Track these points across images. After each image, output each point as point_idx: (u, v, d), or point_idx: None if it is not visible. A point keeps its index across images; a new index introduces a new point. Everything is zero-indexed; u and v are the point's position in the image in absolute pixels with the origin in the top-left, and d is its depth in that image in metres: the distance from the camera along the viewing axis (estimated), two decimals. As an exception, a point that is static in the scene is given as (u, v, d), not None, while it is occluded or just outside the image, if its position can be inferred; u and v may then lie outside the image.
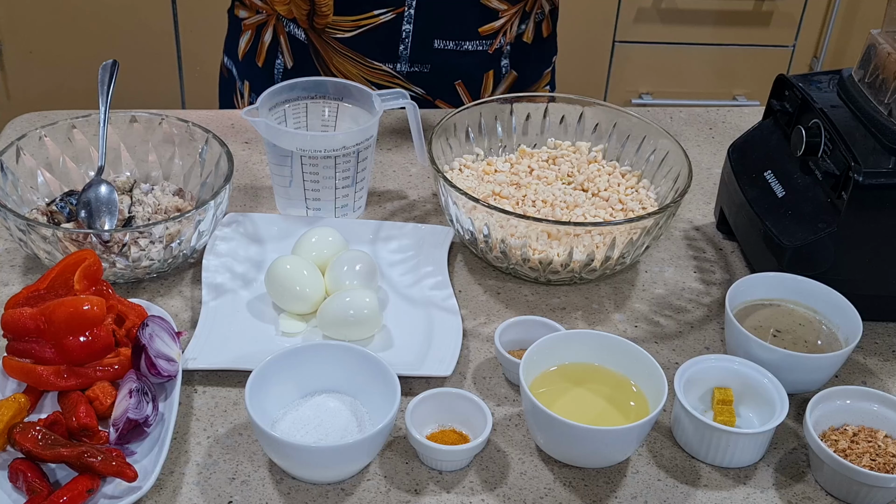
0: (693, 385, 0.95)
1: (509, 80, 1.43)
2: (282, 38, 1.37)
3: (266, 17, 1.37)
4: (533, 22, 1.41)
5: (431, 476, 0.89)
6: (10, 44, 2.53)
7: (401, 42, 1.33)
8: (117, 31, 2.52)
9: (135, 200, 1.14)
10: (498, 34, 1.36)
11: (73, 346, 0.90)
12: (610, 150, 1.25)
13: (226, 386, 0.97)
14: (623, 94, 2.77)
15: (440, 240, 1.14)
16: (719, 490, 0.90)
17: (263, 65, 1.41)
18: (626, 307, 1.11)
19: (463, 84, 1.39)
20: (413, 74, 1.37)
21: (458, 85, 1.39)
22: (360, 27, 1.32)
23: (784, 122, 1.15)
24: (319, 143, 1.11)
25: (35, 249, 1.04)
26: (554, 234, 1.06)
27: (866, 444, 0.90)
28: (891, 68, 1.05)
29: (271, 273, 1.04)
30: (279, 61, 1.38)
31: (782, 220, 1.06)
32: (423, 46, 1.34)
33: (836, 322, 1.02)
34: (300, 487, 0.87)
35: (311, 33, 1.34)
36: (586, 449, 0.88)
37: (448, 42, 1.34)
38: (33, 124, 1.32)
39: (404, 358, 1.00)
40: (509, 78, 1.42)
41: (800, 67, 2.78)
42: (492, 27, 1.36)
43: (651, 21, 2.65)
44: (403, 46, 1.33)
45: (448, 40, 1.34)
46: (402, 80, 1.37)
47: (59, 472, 0.86)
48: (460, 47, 1.35)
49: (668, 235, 1.22)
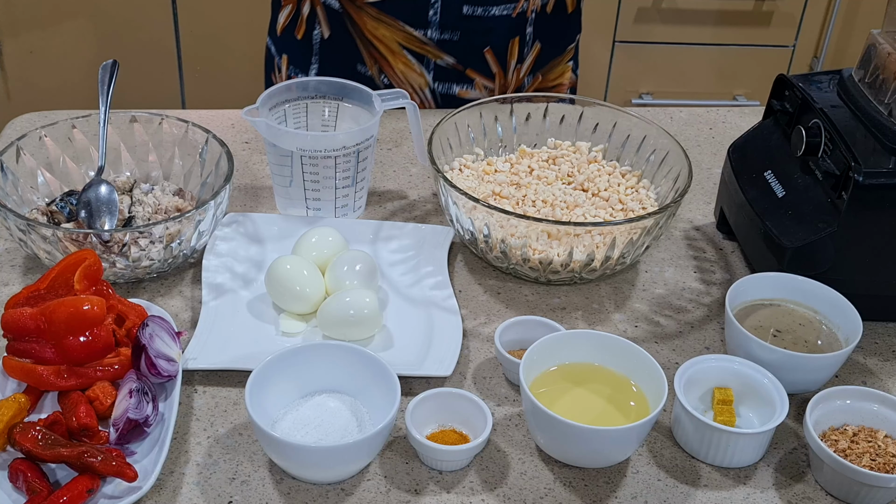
0: (693, 385, 0.95)
1: (535, 51, 1.46)
2: (318, 9, 1.40)
3: None
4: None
5: (431, 476, 0.89)
6: (10, 44, 2.53)
7: (430, 7, 1.35)
8: (117, 31, 2.52)
9: (135, 200, 1.14)
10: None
11: (73, 346, 0.90)
12: (610, 150, 1.25)
13: (226, 386, 0.97)
14: (623, 94, 2.77)
15: (440, 240, 1.15)
16: (719, 490, 0.90)
17: (303, 37, 1.43)
18: (626, 307, 1.11)
19: (492, 51, 1.42)
20: (444, 42, 1.40)
21: (487, 52, 1.42)
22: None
23: (784, 122, 1.15)
24: (319, 143, 1.11)
25: (35, 249, 1.04)
26: (554, 234, 1.06)
27: (866, 444, 0.90)
28: (891, 68, 1.05)
29: (271, 273, 1.04)
30: (316, 32, 1.41)
31: (782, 220, 1.06)
32: (452, 12, 1.37)
33: (836, 322, 1.02)
34: (300, 487, 0.87)
35: (345, 1, 1.37)
36: (586, 449, 0.88)
37: (476, 7, 1.37)
38: (33, 124, 1.32)
39: (404, 358, 1.00)
40: (535, 50, 1.46)
41: (800, 67, 2.78)
42: None
43: (651, 21, 2.65)
44: (433, 11, 1.36)
45: (476, 5, 1.37)
46: (433, 47, 1.40)
47: (59, 472, 0.86)
48: (488, 13, 1.38)
49: (668, 235, 1.22)
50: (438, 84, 1.43)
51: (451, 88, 1.44)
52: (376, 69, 1.42)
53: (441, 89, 1.44)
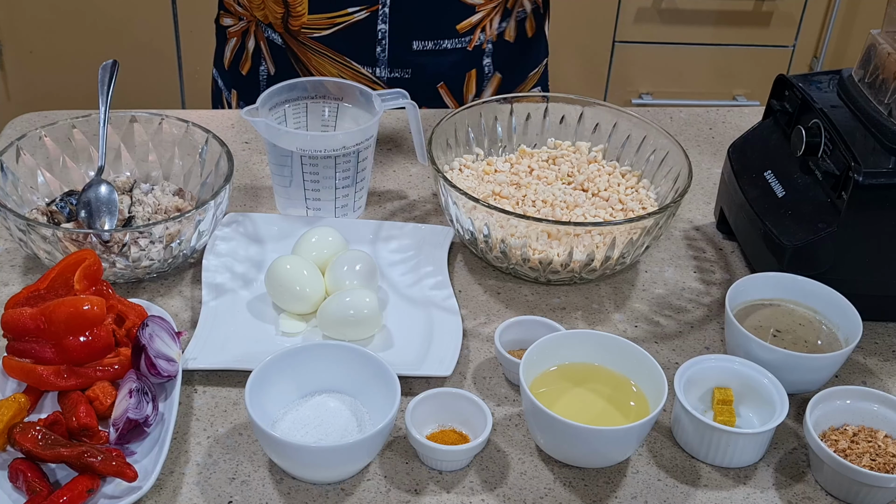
0: (693, 385, 0.95)
1: (494, 82, 1.42)
2: (262, 45, 1.36)
3: (247, 23, 1.37)
4: (515, 20, 1.39)
5: (431, 476, 0.89)
6: (10, 44, 2.53)
7: (377, 44, 1.31)
8: (117, 31, 2.52)
9: (135, 200, 1.14)
10: (476, 29, 1.35)
11: (73, 346, 0.90)
12: (610, 150, 1.25)
13: (226, 386, 0.97)
14: (623, 94, 2.77)
15: (440, 240, 1.14)
16: (719, 490, 0.90)
17: (248, 72, 1.40)
18: (626, 307, 1.11)
19: (445, 86, 1.38)
20: (394, 80, 1.36)
21: (441, 88, 1.38)
22: (336, 24, 1.30)
23: (784, 122, 1.15)
24: (319, 143, 1.11)
25: (35, 249, 1.04)
26: (554, 234, 1.06)
27: (866, 444, 0.90)
28: (891, 68, 1.05)
29: (271, 273, 1.04)
30: (262, 68, 1.37)
31: (782, 220, 1.06)
32: (401, 48, 1.33)
33: (836, 322, 1.02)
34: (300, 487, 0.87)
35: (287, 36, 1.33)
36: (586, 449, 0.88)
37: (427, 42, 1.33)
38: (33, 124, 1.32)
39: (404, 358, 1.00)
40: (494, 80, 1.42)
41: (800, 67, 2.78)
42: (469, 23, 1.34)
43: (651, 21, 2.65)
44: (381, 48, 1.32)
45: (426, 40, 1.33)
46: (383, 86, 1.36)
47: (59, 472, 0.86)
48: (439, 46, 1.34)
49: (668, 235, 1.22)
50: None
51: None
52: None
53: None
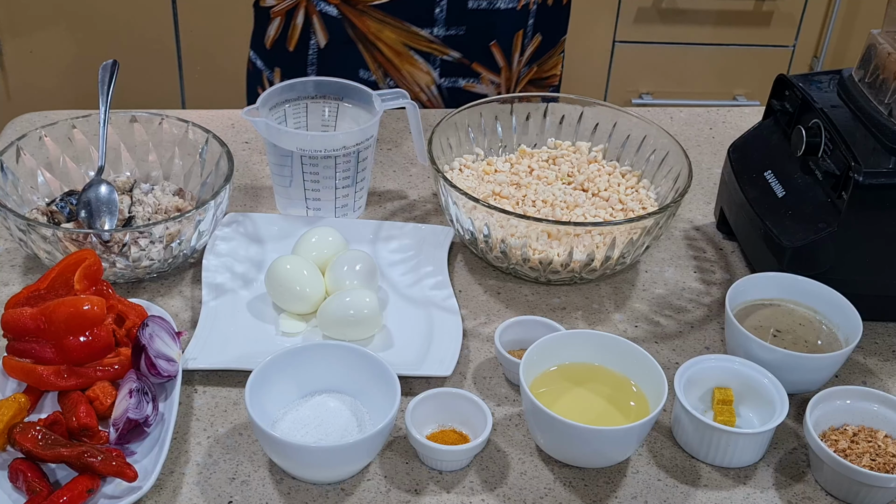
0: (693, 385, 0.95)
1: (535, 43, 1.47)
2: (314, 18, 1.39)
3: (296, 1, 1.39)
4: None
5: (431, 476, 0.89)
6: (10, 44, 2.53)
7: (436, 4, 1.36)
8: (117, 31, 2.52)
9: (135, 200, 1.14)
10: None
11: (73, 346, 0.90)
12: (610, 150, 1.25)
13: (226, 386, 0.97)
14: (623, 94, 2.77)
15: (440, 240, 1.15)
16: (719, 490, 0.90)
17: (295, 48, 1.42)
18: (626, 307, 1.11)
19: (497, 45, 1.42)
20: (450, 38, 1.40)
21: (493, 46, 1.42)
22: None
23: (784, 122, 1.15)
24: (319, 143, 1.11)
25: (35, 249, 1.04)
26: (554, 234, 1.06)
27: (866, 444, 0.90)
28: (891, 68, 1.05)
29: (271, 273, 1.04)
30: (313, 41, 1.40)
31: (782, 220, 1.06)
32: (457, 7, 1.38)
33: (836, 322, 1.02)
34: (300, 487, 0.87)
35: (344, 6, 1.37)
36: (586, 449, 0.88)
37: (482, 1, 1.38)
38: (33, 124, 1.32)
39: (404, 358, 1.00)
40: (535, 42, 1.47)
41: (800, 67, 2.78)
42: None
43: (651, 21, 2.65)
44: (439, 9, 1.36)
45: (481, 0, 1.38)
46: (439, 44, 1.40)
47: (59, 472, 0.86)
48: (493, 6, 1.39)
49: (668, 235, 1.22)
50: (445, 80, 1.43)
51: (457, 82, 1.44)
52: (381, 72, 1.41)
53: (447, 84, 1.44)
